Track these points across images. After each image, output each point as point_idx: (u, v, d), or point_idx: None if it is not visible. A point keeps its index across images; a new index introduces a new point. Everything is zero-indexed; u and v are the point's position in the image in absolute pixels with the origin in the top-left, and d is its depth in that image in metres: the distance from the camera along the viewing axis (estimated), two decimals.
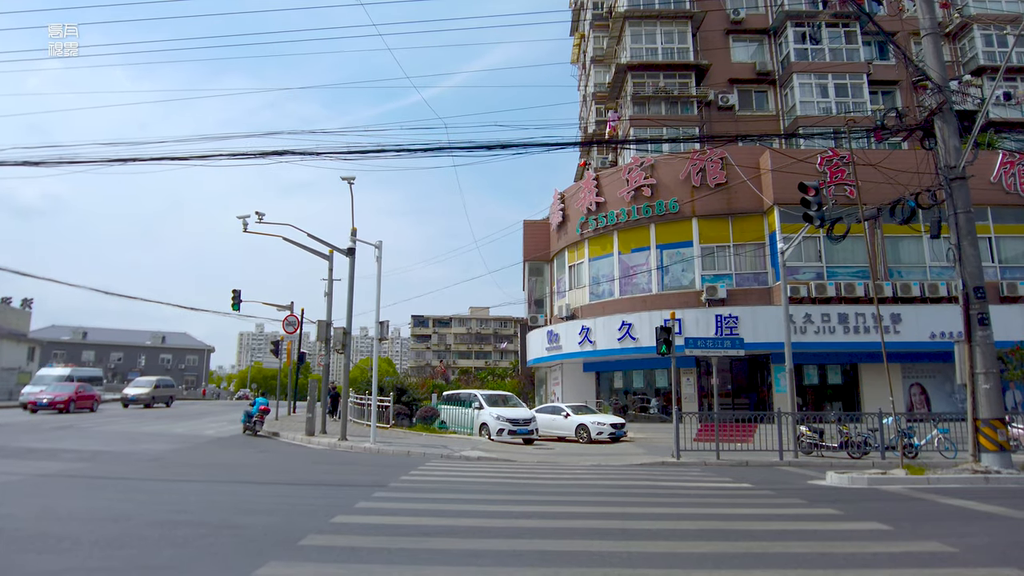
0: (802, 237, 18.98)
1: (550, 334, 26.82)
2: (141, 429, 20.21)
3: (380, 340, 18.03)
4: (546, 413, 23.40)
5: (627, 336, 23.61)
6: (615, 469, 14.07)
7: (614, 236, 26.39)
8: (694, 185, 24.75)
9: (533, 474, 12.48)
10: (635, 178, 25.66)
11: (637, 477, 12.32)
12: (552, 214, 30.36)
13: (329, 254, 21.28)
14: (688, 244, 24.77)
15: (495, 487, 10.19)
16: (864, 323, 22.34)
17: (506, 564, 5.17)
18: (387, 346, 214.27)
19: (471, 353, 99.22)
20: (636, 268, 25.73)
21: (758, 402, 23.72)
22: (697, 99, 29.54)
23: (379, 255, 18.22)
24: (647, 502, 8.98)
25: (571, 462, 15.32)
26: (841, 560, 5.40)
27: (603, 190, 26.96)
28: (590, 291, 27.24)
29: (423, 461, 14.40)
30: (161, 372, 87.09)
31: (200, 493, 8.84)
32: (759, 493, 10.03)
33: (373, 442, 17.26)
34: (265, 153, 11.33)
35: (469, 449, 17.10)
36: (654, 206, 25.23)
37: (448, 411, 22.66)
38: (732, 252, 24.48)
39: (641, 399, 26.48)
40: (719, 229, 24.58)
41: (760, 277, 24.23)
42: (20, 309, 45.82)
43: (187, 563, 5.04)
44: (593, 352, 24.74)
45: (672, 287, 24.88)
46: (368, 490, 9.20)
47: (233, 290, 26.97)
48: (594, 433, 21.68)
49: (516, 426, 20.09)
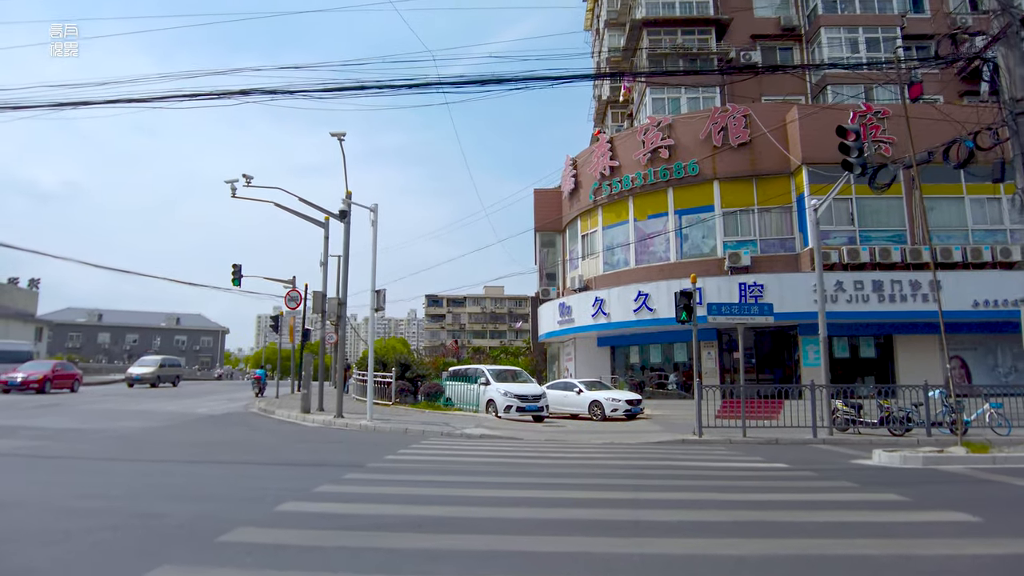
0: (833, 198, 17.19)
1: (562, 307, 25.38)
2: (130, 407, 19.20)
3: (376, 310, 16.75)
4: (558, 389, 22.06)
5: (644, 307, 22.11)
6: (630, 447, 12.70)
7: (629, 202, 24.79)
8: (715, 145, 23.03)
9: (537, 453, 11.16)
10: (652, 139, 23.98)
11: (654, 456, 10.95)
12: (564, 181, 28.77)
13: (324, 221, 19.96)
14: (709, 208, 23.11)
15: (490, 468, 8.87)
16: (900, 291, 20.63)
17: (472, 572, 3.82)
18: (403, 327, 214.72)
19: (486, 332, 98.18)
20: (653, 235, 24.14)
21: (783, 377, 22.15)
22: (717, 56, 27.63)
23: (375, 219, 16.88)
24: (666, 486, 7.59)
25: (581, 440, 13.99)
26: (935, 568, 3.98)
27: (617, 153, 25.31)
28: (604, 261, 25.72)
29: (419, 439, 13.14)
30: (176, 353, 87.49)
31: (142, 475, 7.61)
32: (799, 475, 8.60)
33: (370, 419, 16.05)
34: (229, 92, 9.96)
35: (472, 427, 15.82)
36: (672, 168, 23.56)
37: (454, 387, 21.40)
38: (756, 216, 22.80)
39: (658, 374, 25.03)
40: (742, 192, 22.85)
41: (786, 243, 22.55)
42: (27, 289, 45.30)
43: (49, 566, 3.75)
44: (607, 325, 23.28)
45: (692, 255, 23.27)
46: (340, 471, 7.92)
47: (233, 264, 25.85)
48: (608, 410, 20.32)
49: (525, 403, 18.78)
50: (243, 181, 17.55)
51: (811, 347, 21.63)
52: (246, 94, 10.04)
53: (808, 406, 14.38)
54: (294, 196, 18.02)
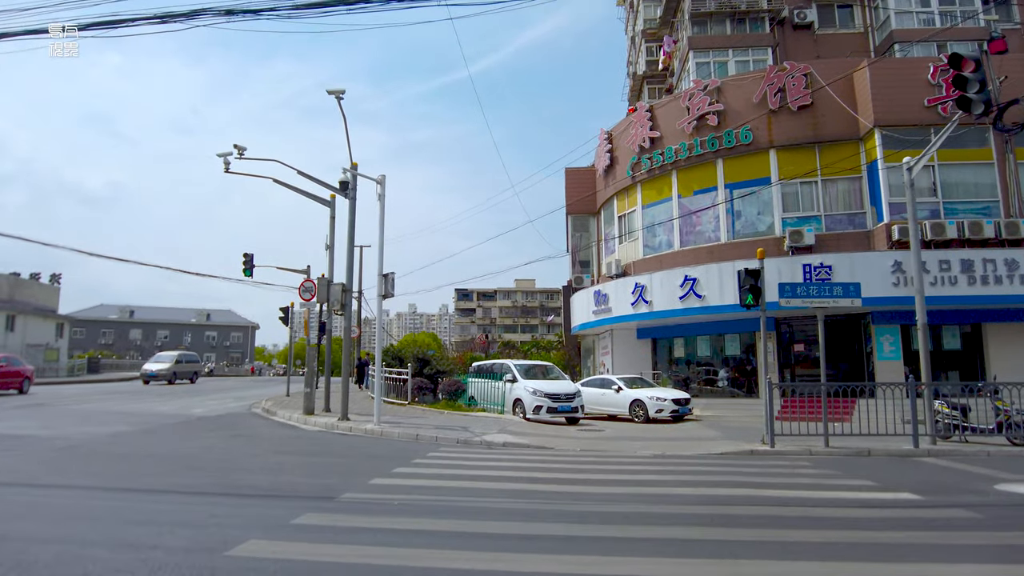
0: (907, 166, 14.04)
1: (597, 295, 22.88)
2: (117, 408, 17.37)
3: (384, 296, 14.54)
4: (594, 387, 19.63)
5: (691, 294, 19.50)
6: (688, 462, 10.23)
7: (672, 176, 22.15)
8: (771, 109, 20.25)
9: (572, 470, 8.78)
10: (698, 104, 21.30)
11: (726, 477, 8.48)
12: (598, 158, 26.22)
13: (331, 199, 17.85)
14: (765, 181, 20.35)
15: (509, 501, 6.54)
16: (994, 271, 17.63)
17: None
18: (435, 322, 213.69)
19: (516, 327, 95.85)
20: (700, 213, 21.48)
21: (850, 373, 19.33)
22: (768, 14, 24.74)
23: (382, 192, 14.65)
24: (769, 542, 5.12)
25: (625, 449, 11.55)
26: None
27: (659, 123, 22.68)
28: (644, 243, 23.13)
29: (430, 448, 10.89)
30: (206, 349, 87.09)
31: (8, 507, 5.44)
32: (954, 517, 6.05)
33: (377, 423, 13.86)
34: (174, 16, 7.75)
35: (496, 431, 13.51)
36: (721, 137, 20.85)
37: (477, 385, 19.10)
38: (820, 189, 19.96)
39: (706, 370, 22.39)
40: (803, 161, 20.03)
41: (856, 219, 19.67)
42: (48, 285, 44.44)
43: None
44: (649, 314, 20.71)
45: (745, 234, 20.56)
46: (296, 507, 5.66)
47: (244, 254, 23.85)
48: (652, 410, 17.82)
49: (556, 402, 16.41)
50: (236, 153, 15.47)
51: (887, 338, 18.81)
52: (195, 16, 7.83)
53: (882, 406, 11.72)
54: (292, 169, 15.88)
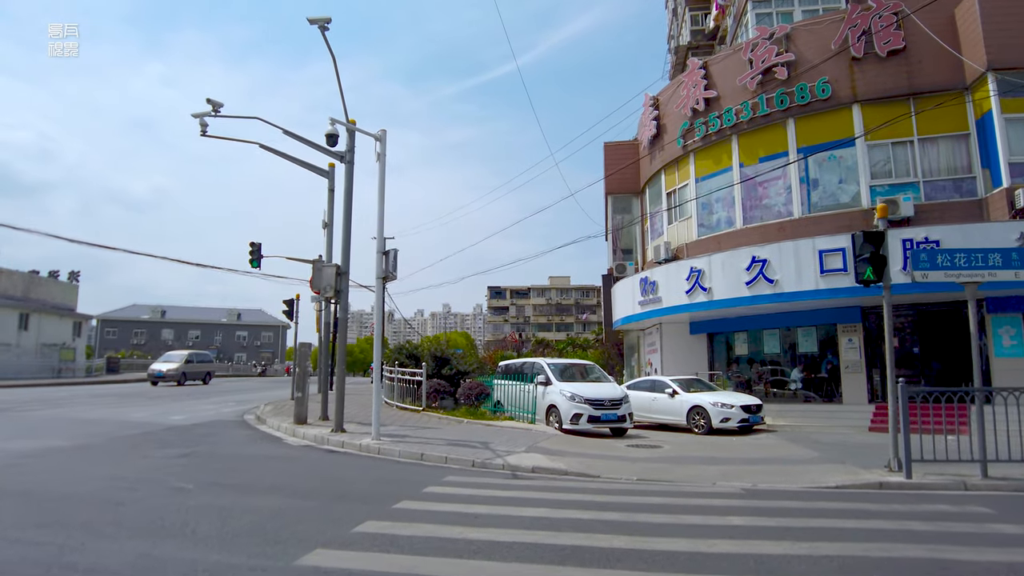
0: None
1: (644, 283, 19.70)
2: (84, 415, 14.96)
3: (384, 279, 11.72)
4: (642, 391, 16.54)
5: (760, 278, 16.23)
6: (795, 500, 7.14)
7: (732, 142, 18.87)
8: (854, 56, 16.85)
9: (631, 518, 5.78)
10: (763, 56, 17.99)
11: (867, 527, 5.39)
12: (642, 128, 23.04)
13: (329, 168, 15.16)
14: (847, 143, 16.96)
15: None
16: None
17: None
18: (469, 322, 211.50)
19: (551, 325, 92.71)
20: (767, 184, 18.16)
21: (944, 372, 15.84)
22: None
23: (381, 150, 11.85)
24: None
25: (698, 477, 8.48)
26: None
27: (715, 81, 19.42)
28: (699, 222, 19.87)
29: (434, 476, 8.06)
30: (237, 349, 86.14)
31: None
32: None
33: (375, 436, 11.08)
34: None
35: (523, 449, 10.59)
36: (792, 92, 17.53)
37: (503, 388, 16.16)
38: (917, 149, 16.49)
39: (772, 370, 19.06)
40: (895, 117, 16.54)
41: (964, 184, 16.15)
42: (67, 283, 43.13)
43: None
44: (707, 304, 17.46)
45: (825, 206, 17.19)
46: None
47: (251, 243, 21.46)
48: (716, 419, 14.66)
49: (599, 409, 13.40)
50: (211, 110, 12.87)
51: (1007, 329, 15.34)
52: None
53: (1002, 414, 8.41)
54: (278, 128, 13.16)
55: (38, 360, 37.20)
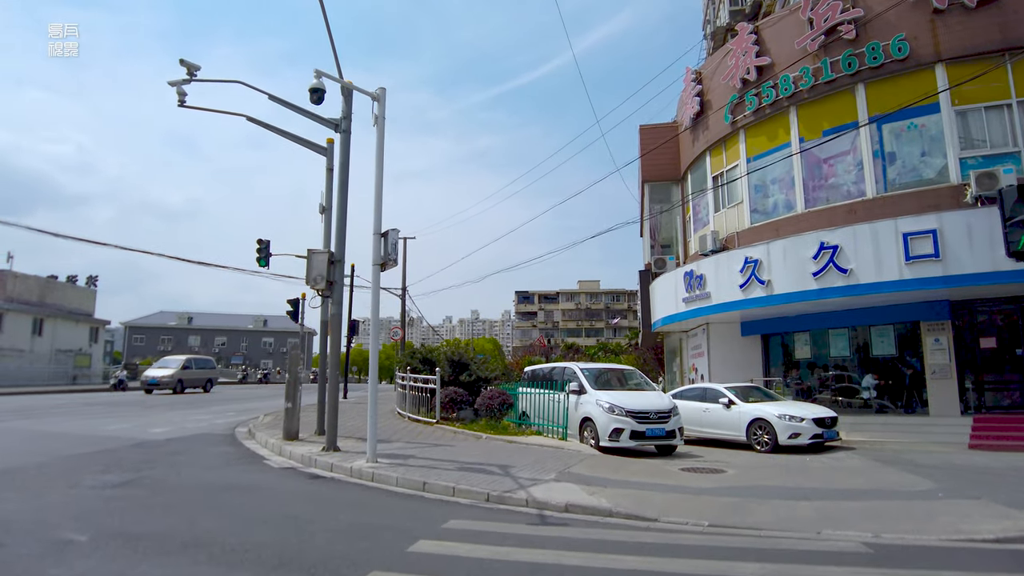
0: None
1: (689, 277, 17.37)
2: (56, 427, 13.24)
3: (382, 266, 9.71)
4: (691, 400, 14.25)
5: (830, 267, 13.81)
6: (948, 564, 4.86)
7: (791, 115, 16.49)
8: (936, 8, 14.39)
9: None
10: (825, 13, 15.61)
11: None
12: (683, 105, 20.73)
13: (327, 144, 13.23)
14: (930, 109, 14.46)
15: None
16: None
17: None
18: (498, 328, 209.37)
19: (581, 330, 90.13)
20: (833, 161, 15.74)
21: None
22: None
23: (380, 112, 9.86)
24: None
25: (789, 521, 6.21)
26: None
27: (767, 47, 17.07)
28: (751, 207, 17.50)
29: (434, 518, 5.99)
30: (263, 356, 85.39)
31: None
32: None
33: (370, 459, 9.02)
34: None
35: (552, 476, 8.42)
36: (862, 54, 15.11)
37: (529, 397, 13.99)
38: (1016, 114, 13.93)
39: (835, 376, 16.56)
40: (987, 78, 13.96)
41: None
42: (84, 288, 42.25)
43: None
44: (766, 300, 15.06)
45: (904, 183, 14.71)
46: None
47: (259, 240, 19.64)
48: (784, 435, 12.30)
49: (643, 423, 11.17)
50: (186, 73, 11.03)
51: None
52: None
53: None
54: (263, 93, 11.27)
55: (51, 366, 36.14)
